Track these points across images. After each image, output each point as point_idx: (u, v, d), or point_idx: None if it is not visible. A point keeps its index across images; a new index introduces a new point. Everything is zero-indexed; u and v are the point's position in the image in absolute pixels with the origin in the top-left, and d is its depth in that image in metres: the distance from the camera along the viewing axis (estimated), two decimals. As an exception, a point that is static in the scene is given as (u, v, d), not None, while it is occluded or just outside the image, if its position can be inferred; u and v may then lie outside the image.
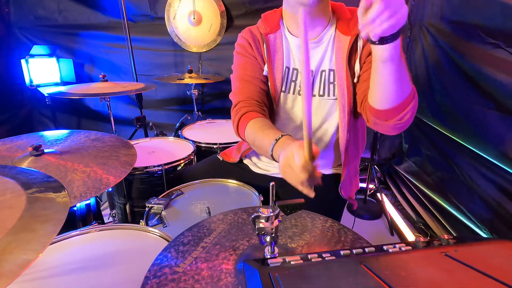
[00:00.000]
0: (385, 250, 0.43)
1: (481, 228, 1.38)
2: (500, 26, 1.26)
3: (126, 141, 1.07)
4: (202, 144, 1.60)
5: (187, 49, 2.55)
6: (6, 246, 0.40)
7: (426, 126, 1.87)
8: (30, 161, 0.86)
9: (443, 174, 1.71)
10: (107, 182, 0.82)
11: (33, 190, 0.54)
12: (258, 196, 1.01)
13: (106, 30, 2.52)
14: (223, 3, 2.42)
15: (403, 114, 0.77)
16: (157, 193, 1.03)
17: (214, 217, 0.71)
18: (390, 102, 0.76)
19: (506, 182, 1.24)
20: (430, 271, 0.37)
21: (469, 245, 0.44)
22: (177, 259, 0.56)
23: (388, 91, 0.75)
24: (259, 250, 0.59)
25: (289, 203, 0.53)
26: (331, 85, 0.98)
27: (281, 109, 1.04)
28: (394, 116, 0.78)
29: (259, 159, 1.18)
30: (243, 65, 1.03)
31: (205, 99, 2.74)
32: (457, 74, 1.54)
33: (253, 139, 0.90)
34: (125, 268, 0.69)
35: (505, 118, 1.23)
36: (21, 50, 2.40)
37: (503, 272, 0.35)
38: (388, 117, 0.79)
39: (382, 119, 0.81)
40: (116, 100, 2.73)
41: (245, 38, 1.02)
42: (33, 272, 0.67)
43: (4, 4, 2.42)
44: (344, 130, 0.98)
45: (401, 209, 2.14)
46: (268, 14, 1.04)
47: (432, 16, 1.85)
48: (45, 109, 2.71)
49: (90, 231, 0.82)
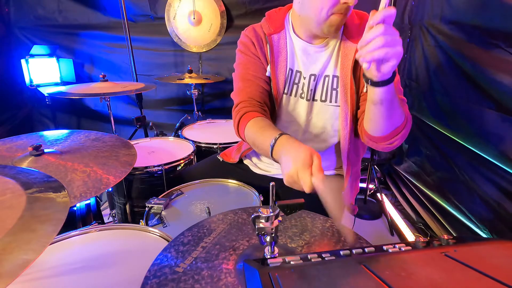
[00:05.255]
0: (385, 250, 0.43)
1: (481, 228, 1.38)
2: (500, 26, 1.26)
3: (126, 141, 1.07)
4: (202, 144, 1.60)
5: (187, 49, 2.56)
6: (6, 246, 0.40)
7: (426, 126, 1.87)
8: (30, 161, 0.86)
9: (443, 174, 1.71)
10: (107, 182, 0.82)
11: (33, 190, 0.54)
12: (258, 196, 1.01)
13: (106, 30, 2.52)
14: (223, 3, 2.42)
15: (393, 140, 0.84)
16: (157, 193, 1.03)
17: (214, 217, 0.71)
18: (381, 132, 0.83)
19: (506, 182, 1.24)
20: (430, 271, 0.37)
21: (469, 245, 0.44)
22: (177, 259, 0.56)
23: (378, 124, 0.81)
24: (259, 250, 0.59)
25: (289, 203, 0.53)
26: (334, 91, 0.97)
27: (282, 111, 1.04)
28: (384, 141, 0.85)
29: (259, 160, 1.18)
30: (246, 64, 1.01)
31: (205, 99, 2.74)
32: (457, 74, 1.54)
33: (253, 138, 0.89)
34: (125, 268, 0.69)
35: (505, 118, 1.23)
36: (21, 50, 2.40)
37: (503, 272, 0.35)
38: (378, 141, 0.86)
39: (373, 141, 0.88)
40: (116, 100, 2.73)
41: (249, 36, 1.00)
42: (33, 272, 0.67)
43: (4, 4, 2.42)
44: (345, 137, 0.97)
45: (401, 209, 2.14)
46: (272, 12, 1.02)
47: (432, 16, 1.85)
48: (45, 109, 2.71)
49: (90, 231, 0.82)
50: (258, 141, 0.86)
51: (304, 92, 0.99)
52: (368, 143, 0.92)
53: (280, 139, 0.76)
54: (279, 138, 0.76)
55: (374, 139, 0.87)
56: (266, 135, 0.82)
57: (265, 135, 0.82)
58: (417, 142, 2.05)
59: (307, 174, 0.62)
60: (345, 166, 1.02)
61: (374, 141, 0.88)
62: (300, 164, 0.63)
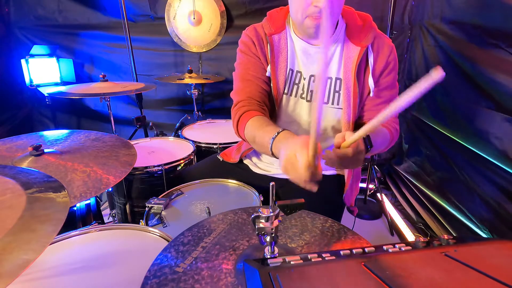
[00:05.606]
0: (385, 250, 0.43)
1: (481, 228, 1.38)
2: (500, 26, 1.26)
3: (126, 141, 1.07)
4: (202, 144, 1.60)
5: (187, 49, 2.55)
6: (6, 246, 0.40)
7: (426, 126, 1.87)
8: (30, 161, 0.86)
9: (443, 174, 1.71)
10: (107, 182, 0.82)
11: (33, 190, 0.54)
12: (258, 196, 1.01)
13: (106, 30, 2.52)
14: (223, 3, 2.42)
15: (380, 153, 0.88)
16: (157, 193, 1.03)
17: (214, 217, 0.71)
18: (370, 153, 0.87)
19: (506, 182, 1.24)
20: (430, 271, 0.37)
21: (469, 245, 0.44)
22: (177, 259, 0.56)
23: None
24: (259, 250, 0.59)
25: (289, 203, 0.53)
26: (336, 93, 0.97)
27: (282, 111, 1.04)
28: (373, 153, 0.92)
29: (259, 159, 1.18)
30: (246, 64, 1.02)
31: (205, 99, 2.74)
32: (457, 74, 1.54)
33: (253, 136, 0.89)
34: (125, 268, 0.69)
35: (505, 118, 1.23)
36: (21, 50, 2.40)
37: (503, 272, 0.35)
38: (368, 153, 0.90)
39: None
40: (116, 100, 2.73)
41: (250, 36, 1.00)
42: (33, 272, 0.67)
43: (4, 4, 2.42)
44: None
45: (401, 209, 2.14)
46: (274, 12, 1.02)
47: (432, 16, 1.85)
48: (45, 109, 2.71)
49: (90, 231, 0.82)
50: (258, 138, 0.87)
51: (305, 92, 0.99)
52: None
53: (280, 134, 0.78)
54: (280, 133, 0.78)
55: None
56: (266, 130, 0.83)
57: (266, 131, 0.83)
58: (417, 142, 2.05)
59: (304, 152, 0.63)
60: (347, 169, 1.02)
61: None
62: (299, 146, 0.65)
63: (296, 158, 0.64)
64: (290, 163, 0.66)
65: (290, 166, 0.67)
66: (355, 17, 0.95)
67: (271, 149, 0.79)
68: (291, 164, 0.66)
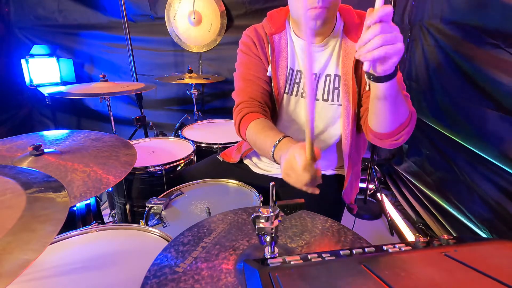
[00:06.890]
0: (385, 250, 0.43)
1: (481, 228, 1.38)
2: (500, 26, 1.26)
3: (126, 141, 1.07)
4: (202, 144, 1.60)
5: (187, 49, 2.55)
6: (6, 246, 0.40)
7: (426, 126, 1.87)
8: (30, 161, 0.86)
9: (443, 174, 1.71)
10: (107, 182, 0.82)
11: (33, 190, 0.53)
12: (258, 196, 1.01)
13: (106, 30, 2.52)
14: (223, 3, 2.42)
15: (399, 136, 0.83)
16: (157, 193, 1.03)
17: (214, 217, 0.71)
18: (386, 128, 0.82)
19: (506, 182, 1.24)
20: (430, 271, 0.37)
21: (469, 245, 0.44)
22: (177, 259, 0.56)
23: (383, 120, 0.80)
24: (259, 250, 0.59)
25: (289, 203, 0.53)
26: (335, 90, 0.97)
27: (283, 111, 1.04)
28: (389, 138, 0.84)
29: (260, 159, 1.18)
30: (247, 64, 1.02)
31: (205, 99, 2.74)
32: (457, 74, 1.54)
33: (254, 140, 0.90)
34: (125, 268, 0.69)
35: (505, 118, 1.23)
36: (21, 50, 2.40)
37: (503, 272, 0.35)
38: (384, 137, 0.85)
39: (379, 138, 0.87)
40: (116, 100, 2.73)
41: (250, 36, 1.01)
42: (33, 272, 0.67)
43: (4, 4, 2.42)
44: (347, 136, 0.97)
45: (401, 209, 2.14)
46: (274, 12, 1.03)
47: (432, 16, 1.85)
48: (45, 109, 2.71)
49: (90, 231, 0.82)
50: (259, 142, 0.88)
51: (305, 91, 0.99)
52: (373, 141, 0.90)
53: (282, 142, 0.79)
54: (282, 140, 0.79)
55: (379, 136, 0.86)
56: (268, 135, 0.84)
57: (267, 136, 0.84)
58: (417, 142, 2.05)
59: (302, 152, 0.64)
60: (347, 165, 1.02)
61: (379, 138, 0.86)
62: (297, 148, 0.66)
63: (295, 159, 0.65)
64: (290, 167, 0.67)
65: (290, 170, 0.67)
66: (353, 14, 0.96)
67: (272, 156, 0.80)
68: (291, 167, 0.67)
